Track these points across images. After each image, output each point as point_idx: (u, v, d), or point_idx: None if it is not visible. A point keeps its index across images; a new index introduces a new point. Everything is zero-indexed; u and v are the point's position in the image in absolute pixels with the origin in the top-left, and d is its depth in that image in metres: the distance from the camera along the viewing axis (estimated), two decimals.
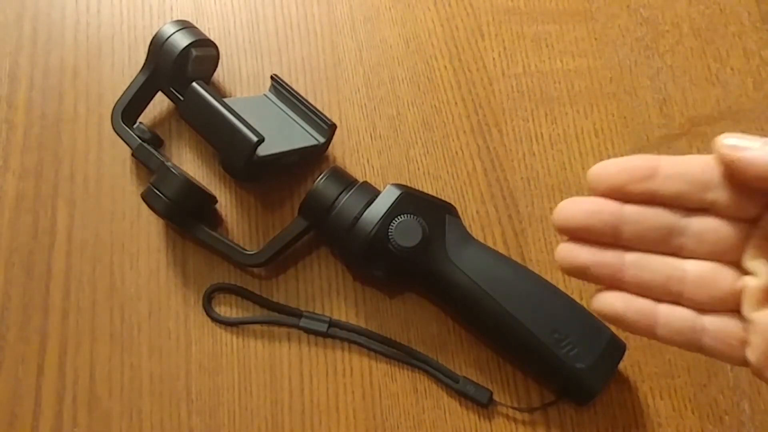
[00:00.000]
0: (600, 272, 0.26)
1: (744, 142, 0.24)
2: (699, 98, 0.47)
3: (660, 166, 0.25)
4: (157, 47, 0.41)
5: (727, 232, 0.25)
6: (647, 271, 0.26)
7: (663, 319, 0.26)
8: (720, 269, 0.25)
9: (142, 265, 0.43)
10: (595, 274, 0.26)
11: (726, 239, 0.25)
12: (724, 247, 0.25)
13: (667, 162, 0.25)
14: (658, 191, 0.25)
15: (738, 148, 0.24)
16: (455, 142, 0.46)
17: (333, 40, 0.48)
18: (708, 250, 0.25)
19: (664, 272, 0.26)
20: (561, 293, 0.38)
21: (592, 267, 0.26)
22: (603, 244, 0.26)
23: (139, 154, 0.42)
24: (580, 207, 0.26)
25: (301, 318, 0.41)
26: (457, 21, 0.49)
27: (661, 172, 0.25)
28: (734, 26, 0.48)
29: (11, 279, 0.43)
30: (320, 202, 0.39)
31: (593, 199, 0.26)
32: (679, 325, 0.25)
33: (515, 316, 0.37)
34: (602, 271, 0.26)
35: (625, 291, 0.26)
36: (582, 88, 0.47)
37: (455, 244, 0.39)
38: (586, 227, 0.26)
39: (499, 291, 0.38)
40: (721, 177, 0.25)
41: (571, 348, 0.36)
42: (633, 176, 0.25)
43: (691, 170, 0.25)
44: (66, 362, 0.41)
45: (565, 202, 0.26)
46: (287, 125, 0.43)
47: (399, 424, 0.40)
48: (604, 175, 0.26)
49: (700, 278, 0.25)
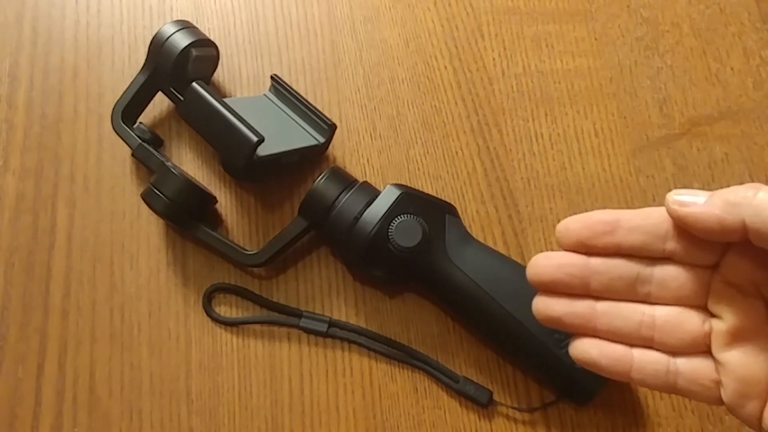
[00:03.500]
0: (573, 322, 0.27)
1: (690, 198, 0.25)
2: (699, 98, 0.47)
3: (621, 220, 0.27)
4: (157, 47, 0.41)
5: (689, 279, 0.26)
6: (618, 318, 0.27)
7: (637, 363, 0.27)
8: (687, 313, 0.27)
9: (142, 265, 0.43)
10: (569, 323, 0.28)
11: (689, 285, 0.26)
12: (688, 293, 0.26)
13: (627, 216, 0.27)
14: (621, 244, 0.27)
15: (685, 204, 0.25)
16: (455, 142, 0.46)
17: (333, 40, 0.48)
18: (673, 296, 0.27)
19: (635, 319, 0.27)
20: None
21: (565, 317, 0.27)
22: (575, 295, 0.27)
23: (139, 154, 0.42)
24: (550, 262, 0.27)
25: (301, 318, 0.41)
26: (457, 21, 0.49)
27: (623, 225, 0.27)
28: (734, 26, 0.48)
29: (11, 279, 0.43)
30: (320, 202, 0.39)
31: (562, 254, 0.28)
32: (653, 369, 0.27)
33: (515, 316, 0.37)
34: (575, 320, 0.27)
35: (600, 338, 0.27)
36: (582, 88, 0.47)
37: (455, 244, 0.39)
38: (557, 281, 0.27)
39: (499, 291, 0.38)
40: (676, 229, 0.26)
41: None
42: (595, 232, 0.27)
43: (650, 223, 0.27)
44: (66, 362, 0.41)
45: (536, 258, 0.28)
46: (287, 125, 0.43)
47: (399, 424, 0.40)
48: (570, 232, 0.28)
49: (669, 323, 0.27)
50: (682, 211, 0.26)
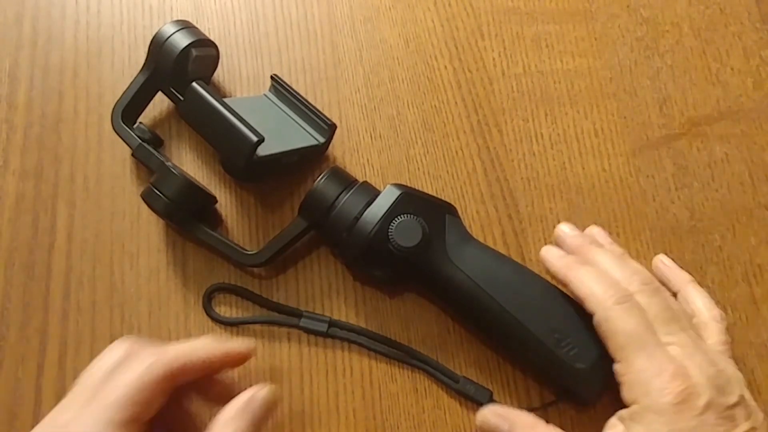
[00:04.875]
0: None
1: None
2: (699, 98, 0.47)
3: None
4: (157, 47, 0.41)
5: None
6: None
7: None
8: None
9: (142, 265, 0.43)
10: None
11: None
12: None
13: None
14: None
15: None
16: (455, 142, 0.46)
17: (333, 40, 0.48)
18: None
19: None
20: (561, 293, 0.38)
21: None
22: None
23: (138, 154, 0.42)
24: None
25: (301, 318, 0.41)
26: (457, 21, 0.49)
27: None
28: (734, 26, 0.48)
29: (11, 279, 0.43)
30: (320, 202, 0.39)
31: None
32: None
33: (515, 315, 0.37)
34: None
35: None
36: (582, 88, 0.47)
37: (455, 244, 0.39)
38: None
39: (499, 291, 0.38)
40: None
41: (571, 348, 0.36)
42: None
43: None
44: (66, 362, 0.41)
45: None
46: (287, 125, 0.43)
47: (399, 424, 0.40)
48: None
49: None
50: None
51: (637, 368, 0.33)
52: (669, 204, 0.44)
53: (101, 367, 0.31)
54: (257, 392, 0.32)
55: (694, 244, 0.44)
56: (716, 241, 0.44)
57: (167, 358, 0.31)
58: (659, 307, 0.35)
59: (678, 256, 0.43)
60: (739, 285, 0.43)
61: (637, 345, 0.33)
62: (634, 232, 0.44)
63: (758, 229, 0.44)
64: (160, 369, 0.30)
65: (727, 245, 0.44)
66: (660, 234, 0.44)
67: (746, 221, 0.44)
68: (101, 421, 0.29)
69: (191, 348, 0.32)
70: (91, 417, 0.29)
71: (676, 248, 0.43)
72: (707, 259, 0.43)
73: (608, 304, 0.34)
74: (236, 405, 0.31)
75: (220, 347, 0.33)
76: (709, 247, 0.44)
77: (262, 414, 0.32)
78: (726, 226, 0.44)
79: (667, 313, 0.35)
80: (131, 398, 0.29)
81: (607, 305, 0.34)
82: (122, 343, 0.32)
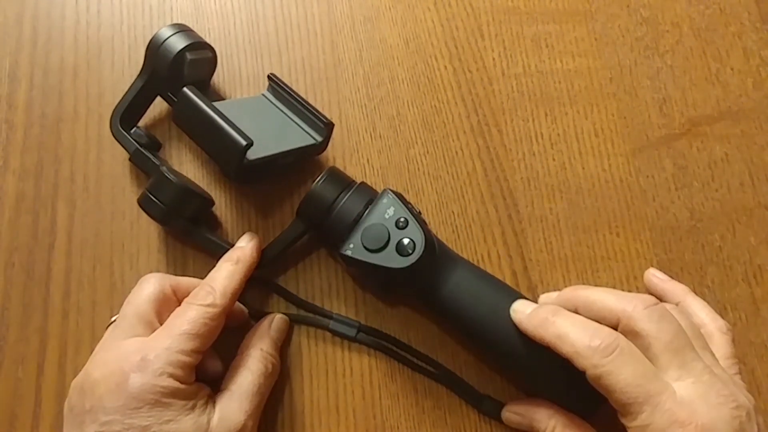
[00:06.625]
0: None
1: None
2: (699, 98, 0.47)
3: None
4: (153, 51, 0.41)
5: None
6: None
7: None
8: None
9: (142, 265, 0.43)
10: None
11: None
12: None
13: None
14: None
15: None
16: (455, 142, 0.46)
17: (333, 40, 0.48)
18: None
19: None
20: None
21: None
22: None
23: (135, 159, 0.42)
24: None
25: (331, 320, 0.41)
26: (457, 21, 0.49)
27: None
28: (734, 26, 0.48)
29: (11, 279, 0.43)
30: (319, 204, 0.39)
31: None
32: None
33: (516, 334, 0.36)
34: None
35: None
36: (582, 88, 0.47)
37: (443, 266, 0.38)
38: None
39: (496, 314, 0.37)
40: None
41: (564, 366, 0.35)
42: None
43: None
44: (66, 362, 0.41)
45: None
46: (285, 125, 0.43)
47: (399, 424, 0.40)
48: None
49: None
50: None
51: (643, 423, 0.30)
52: (669, 204, 0.44)
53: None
54: (273, 318, 0.40)
55: (694, 244, 0.44)
56: (716, 241, 0.44)
57: (225, 302, 0.36)
58: (670, 335, 0.31)
59: (678, 256, 0.43)
60: (739, 285, 0.43)
61: (639, 397, 0.30)
62: (634, 232, 0.44)
63: (758, 229, 0.44)
64: (219, 309, 0.35)
65: (727, 245, 0.44)
66: (660, 234, 0.44)
67: (746, 221, 0.44)
68: (173, 348, 0.33)
69: (230, 280, 0.37)
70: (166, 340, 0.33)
71: (675, 248, 0.43)
72: (707, 259, 0.43)
73: (595, 360, 0.30)
74: (259, 329, 0.39)
75: (246, 268, 0.39)
76: (709, 247, 0.44)
77: (280, 336, 0.40)
78: (726, 226, 0.44)
79: (680, 340, 0.31)
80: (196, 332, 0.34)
81: (594, 361, 0.30)
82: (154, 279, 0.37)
